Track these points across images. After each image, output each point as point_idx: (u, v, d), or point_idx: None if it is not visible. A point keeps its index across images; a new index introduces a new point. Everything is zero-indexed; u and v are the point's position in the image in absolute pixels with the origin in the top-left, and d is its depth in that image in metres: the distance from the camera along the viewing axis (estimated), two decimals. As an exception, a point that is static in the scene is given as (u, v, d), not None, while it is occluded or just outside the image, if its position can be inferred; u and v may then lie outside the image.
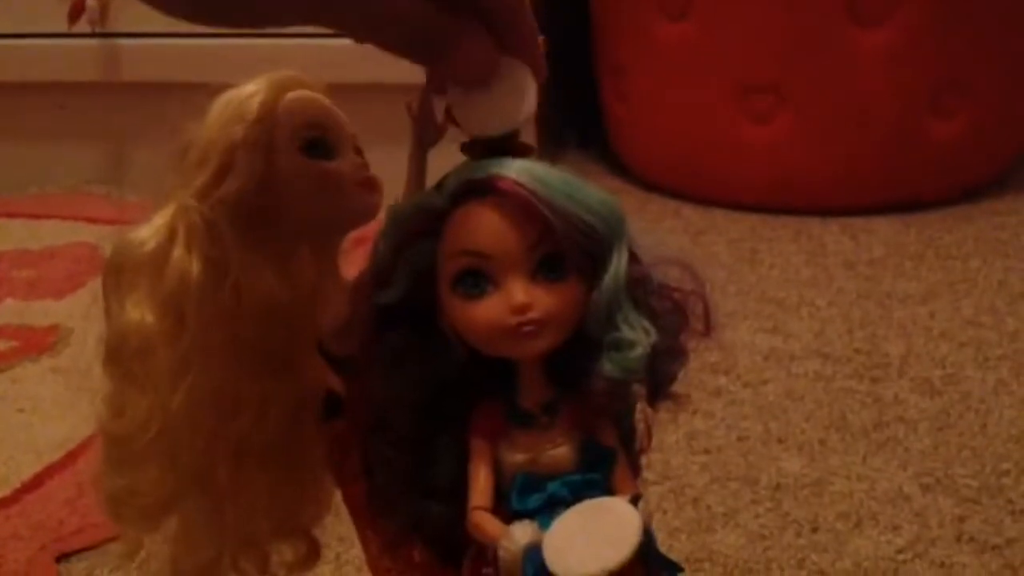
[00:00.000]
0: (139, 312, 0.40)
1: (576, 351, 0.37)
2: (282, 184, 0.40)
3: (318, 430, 0.43)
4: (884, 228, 1.24)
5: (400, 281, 0.37)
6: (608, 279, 0.36)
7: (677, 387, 0.39)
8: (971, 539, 0.68)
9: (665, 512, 0.71)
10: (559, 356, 0.37)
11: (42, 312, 1.09)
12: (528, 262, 0.36)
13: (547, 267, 0.36)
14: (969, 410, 0.83)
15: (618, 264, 0.36)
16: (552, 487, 0.37)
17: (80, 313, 1.06)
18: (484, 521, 0.37)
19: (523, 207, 0.36)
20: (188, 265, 0.40)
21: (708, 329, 0.39)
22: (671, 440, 0.79)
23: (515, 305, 0.36)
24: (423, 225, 0.37)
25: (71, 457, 0.81)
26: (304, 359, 0.42)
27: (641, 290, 0.37)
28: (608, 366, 0.36)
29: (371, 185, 0.42)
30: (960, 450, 0.78)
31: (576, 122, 1.57)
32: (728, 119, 1.30)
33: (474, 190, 0.36)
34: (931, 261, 1.14)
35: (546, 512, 0.36)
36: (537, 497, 0.37)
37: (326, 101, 0.42)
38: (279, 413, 0.42)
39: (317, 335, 0.42)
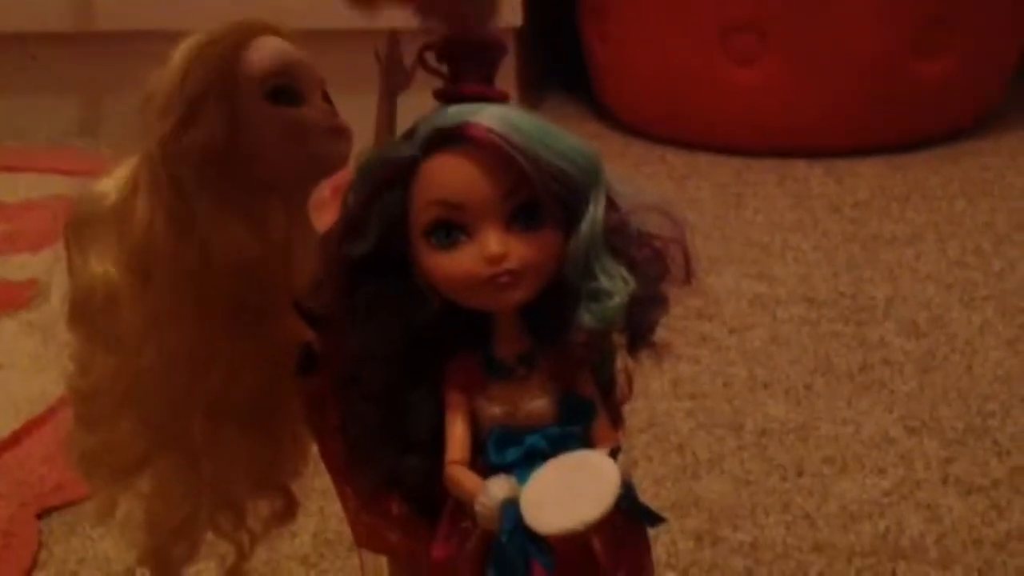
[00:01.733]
0: (103, 267, 0.39)
1: (553, 301, 0.36)
2: (248, 132, 0.39)
3: (294, 386, 0.43)
4: (869, 170, 1.23)
5: (371, 233, 0.36)
6: (585, 227, 0.35)
7: (659, 335, 0.38)
8: (957, 480, 0.68)
9: (650, 459, 0.71)
10: (536, 307, 0.36)
11: (19, 266, 1.07)
12: (502, 211, 0.35)
13: (522, 216, 0.35)
14: (954, 351, 0.83)
15: (595, 212, 0.35)
16: (530, 440, 0.36)
17: (58, 267, 1.05)
18: (461, 475, 0.36)
19: (496, 155, 0.35)
20: (152, 218, 0.39)
21: (688, 277, 0.38)
22: (656, 387, 0.79)
23: (490, 255, 0.35)
24: (393, 175, 0.36)
25: (50, 413, 0.80)
26: (277, 314, 0.41)
27: (619, 238, 0.36)
28: (586, 316, 0.35)
29: (340, 132, 0.41)
30: (946, 392, 0.78)
31: (558, 65, 1.55)
32: (711, 61, 1.28)
33: (445, 138, 0.35)
34: (916, 203, 1.14)
35: (524, 466, 0.36)
36: (515, 450, 0.36)
37: (292, 47, 0.41)
38: (253, 369, 0.41)
39: (290, 290, 0.41)
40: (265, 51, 0.40)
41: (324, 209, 0.41)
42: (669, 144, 1.33)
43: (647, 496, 0.39)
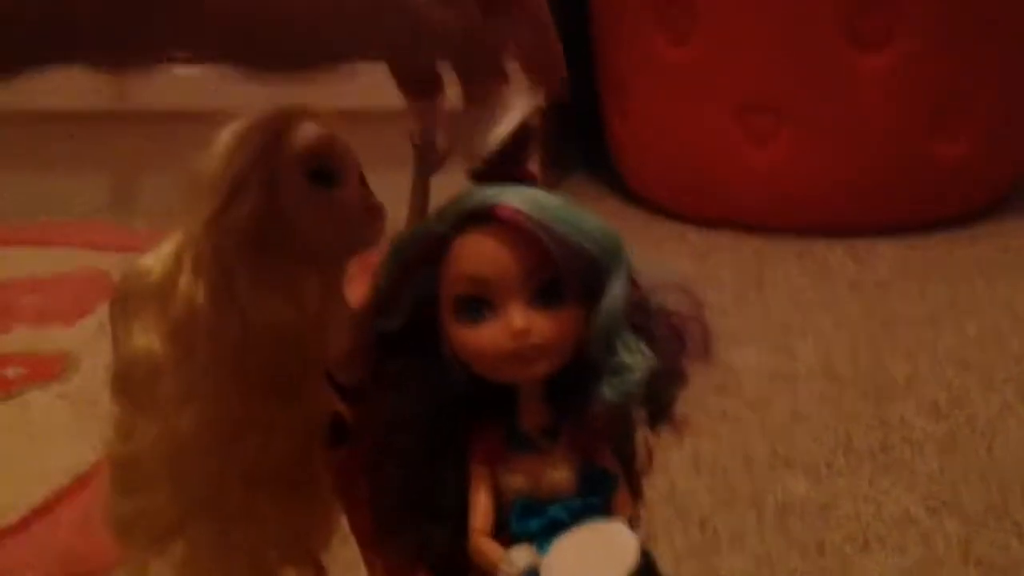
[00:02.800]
0: (146, 339, 0.41)
1: (576, 376, 0.38)
2: (288, 212, 0.41)
3: (324, 457, 0.44)
4: (888, 249, 1.24)
5: (402, 308, 0.38)
6: (606, 305, 0.37)
7: (679, 409, 0.40)
8: (978, 562, 0.67)
9: (671, 535, 0.71)
10: (559, 381, 0.38)
11: (51, 339, 1.09)
12: (527, 288, 0.37)
13: (546, 293, 0.37)
14: (975, 432, 0.83)
15: (616, 290, 0.37)
16: (552, 511, 0.37)
17: (89, 340, 1.07)
18: (484, 545, 0.37)
19: (522, 234, 0.36)
20: (195, 292, 0.41)
21: (707, 354, 0.39)
22: (676, 462, 0.79)
23: (514, 330, 0.36)
24: (424, 252, 0.38)
25: (79, 483, 0.81)
26: (311, 385, 0.43)
27: (639, 315, 0.37)
28: (607, 390, 0.37)
29: (375, 212, 0.43)
30: (966, 472, 0.78)
31: (580, 143, 1.58)
32: (728, 140, 1.30)
33: (475, 217, 0.37)
34: (935, 283, 1.14)
35: (546, 536, 0.37)
36: (537, 521, 0.37)
37: (332, 130, 0.43)
38: (287, 439, 0.43)
39: (324, 361, 0.42)
40: (306, 135, 0.42)
41: (353, 283, 0.43)
42: (690, 222, 1.35)
43: (667, 572, 0.40)
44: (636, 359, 0.36)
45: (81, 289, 1.22)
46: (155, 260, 0.42)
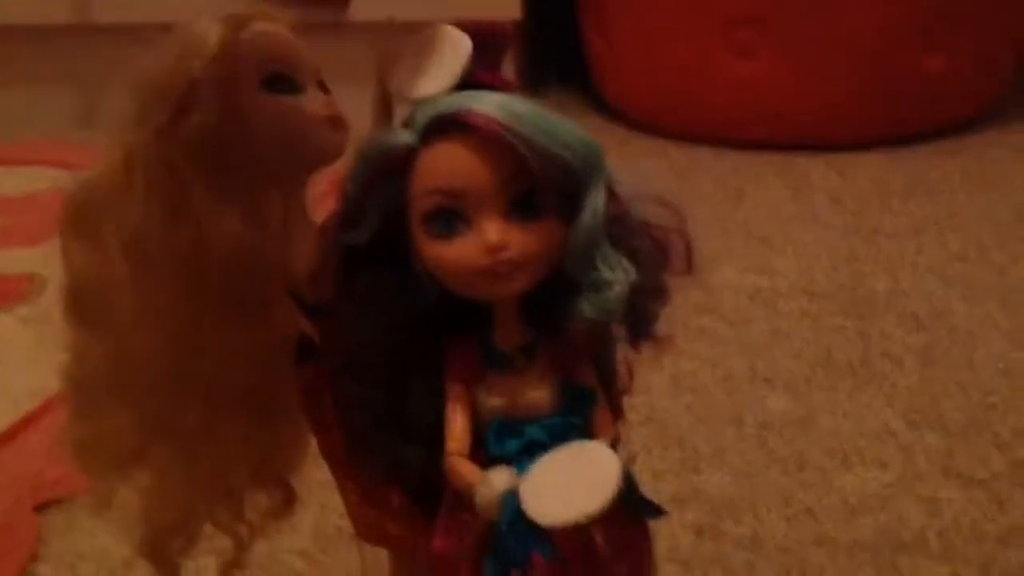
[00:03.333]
0: (97, 256, 0.39)
1: (553, 291, 0.36)
2: (244, 121, 0.39)
3: (291, 377, 0.42)
4: (870, 163, 1.23)
5: (369, 221, 0.36)
6: (585, 217, 0.35)
7: (660, 328, 0.38)
8: (958, 474, 0.67)
9: (650, 453, 0.71)
10: (536, 297, 0.36)
11: (15, 260, 1.07)
12: (502, 200, 0.35)
13: (522, 205, 0.35)
14: (955, 345, 0.83)
15: (596, 202, 0.35)
16: (530, 431, 0.36)
17: (55, 261, 1.04)
18: (460, 467, 0.36)
19: (496, 143, 0.34)
20: (148, 206, 0.39)
21: (690, 268, 0.38)
22: (656, 381, 0.78)
23: (489, 244, 0.34)
24: (391, 163, 0.36)
25: (47, 407, 0.80)
26: (273, 305, 0.41)
27: (620, 228, 0.35)
28: (586, 306, 0.35)
29: (337, 122, 0.40)
30: (946, 385, 0.77)
31: (556, 57, 1.54)
32: (711, 54, 1.28)
33: (445, 126, 0.35)
34: (918, 196, 1.13)
35: (525, 457, 0.35)
36: (515, 442, 0.36)
37: (289, 35, 0.40)
38: (248, 359, 0.41)
39: (287, 280, 0.41)
40: (262, 38, 0.39)
41: (322, 201, 0.41)
42: (670, 137, 1.33)
43: (647, 490, 0.39)
44: (616, 274, 0.35)
45: (47, 209, 1.18)
46: (105, 173, 0.40)
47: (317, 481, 0.47)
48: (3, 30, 1.45)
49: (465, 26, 0.38)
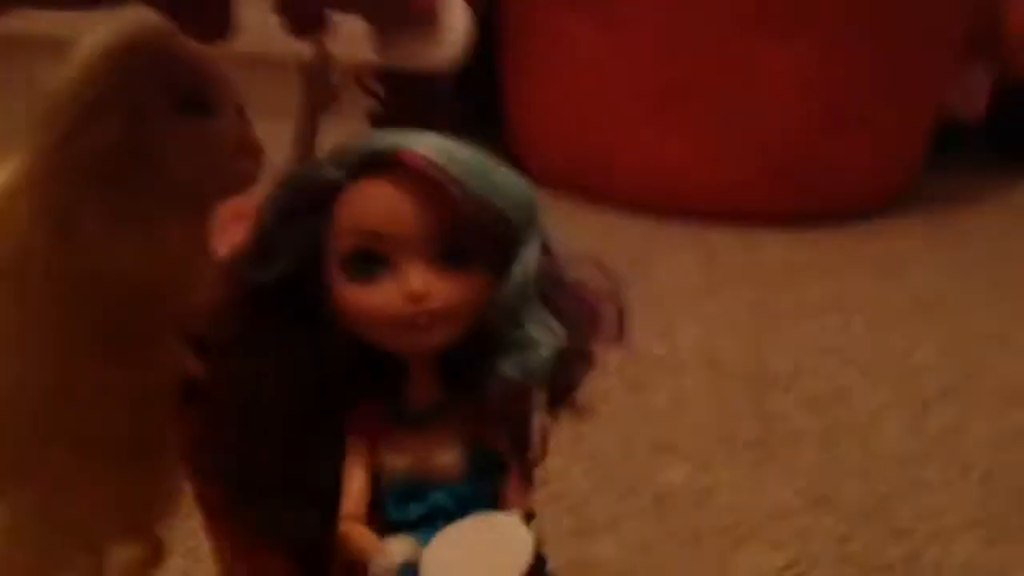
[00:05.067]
0: None
1: (472, 348, 0.34)
2: (151, 143, 0.36)
3: (172, 420, 0.39)
4: (778, 241, 1.23)
5: (282, 258, 0.33)
6: (517, 271, 0.33)
7: (580, 394, 0.36)
8: (855, 562, 0.66)
9: (543, 519, 0.68)
10: (453, 352, 0.34)
11: None
12: (430, 246, 0.32)
13: (450, 253, 0.33)
14: (855, 429, 0.83)
15: (529, 257, 0.33)
16: (435, 496, 0.33)
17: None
18: (355, 533, 0.33)
19: (428, 185, 0.32)
20: (34, 227, 0.35)
21: (620, 336, 0.36)
22: (553, 443, 0.76)
23: (410, 292, 0.32)
24: (313, 198, 0.33)
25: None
26: (157, 342, 0.38)
27: (551, 286, 0.33)
28: (508, 367, 0.33)
29: (252, 149, 0.38)
30: (846, 468, 0.77)
31: (471, 104, 1.53)
32: (631, 120, 1.28)
33: (376, 163, 0.33)
34: (823, 277, 1.14)
35: (428, 525, 0.33)
36: (418, 507, 0.33)
37: (208, 55, 0.38)
38: (126, 402, 0.37)
39: (176, 315, 0.37)
40: (177, 55, 0.37)
41: (223, 233, 0.38)
42: (584, 199, 1.32)
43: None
44: (544, 335, 0.33)
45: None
46: None
47: (186, 529, 0.43)
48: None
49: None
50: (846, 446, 0.80)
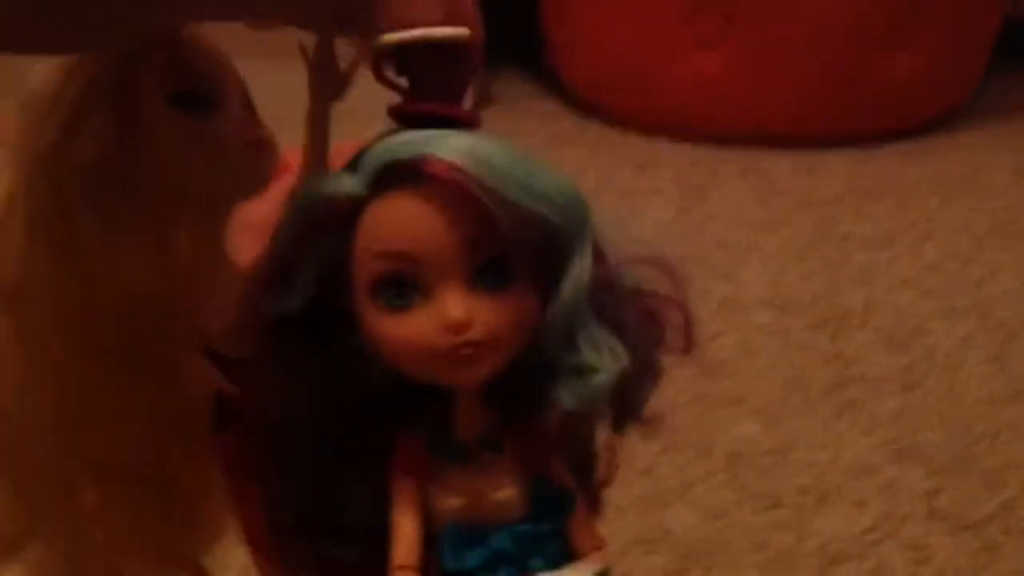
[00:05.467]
0: None
1: (525, 373, 0.29)
2: (148, 144, 0.32)
3: (207, 444, 0.36)
4: (838, 164, 1.17)
5: (301, 285, 0.29)
6: (567, 287, 0.28)
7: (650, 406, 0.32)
8: (944, 517, 0.62)
9: (612, 485, 0.65)
10: (503, 378, 0.30)
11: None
12: (466, 267, 0.28)
13: (490, 273, 0.28)
14: (935, 368, 0.78)
15: (580, 267, 0.28)
16: (496, 541, 0.29)
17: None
18: None
19: (460, 197, 0.28)
20: (33, 249, 0.32)
21: (688, 345, 0.31)
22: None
23: (449, 322, 0.28)
24: (332, 216, 0.29)
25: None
26: (181, 362, 0.34)
27: (607, 297, 0.29)
28: (565, 396, 0.29)
29: (260, 145, 0.34)
30: (928, 415, 0.72)
31: (510, 37, 1.47)
32: (673, 42, 1.21)
33: (399, 174, 0.28)
34: (889, 201, 1.08)
35: (488, 570, 0.29)
36: (476, 553, 0.29)
37: (206, 42, 0.33)
38: (152, 428, 0.34)
39: (199, 333, 0.34)
40: (171, 48, 0.32)
41: (244, 236, 0.34)
42: (628, 127, 1.26)
43: (610, 529, 0.33)
44: (603, 359, 0.28)
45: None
46: None
47: (238, 563, 0.40)
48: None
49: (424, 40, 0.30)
50: (927, 389, 0.75)
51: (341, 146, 0.32)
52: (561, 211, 0.28)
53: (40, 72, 0.32)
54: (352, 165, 0.29)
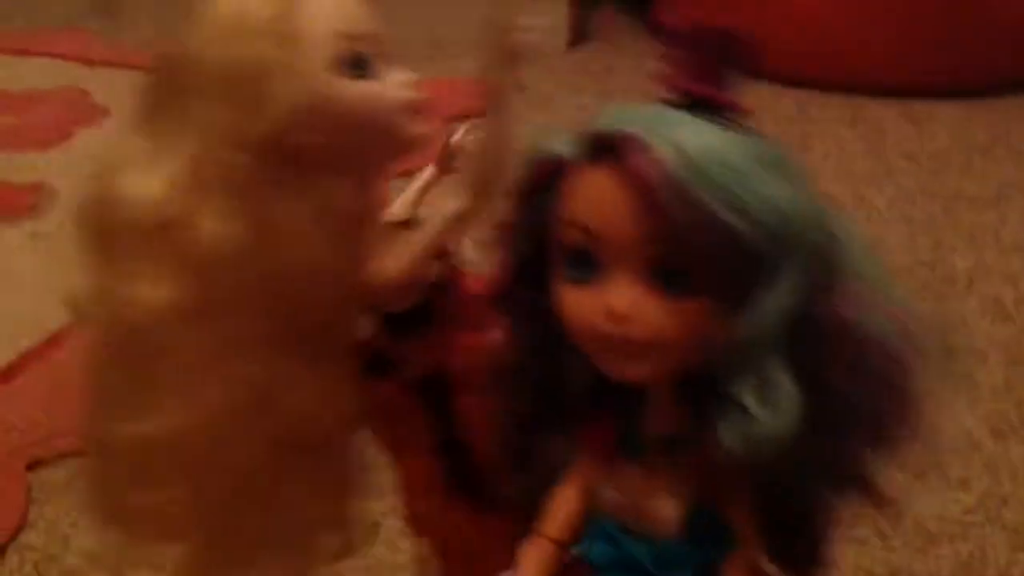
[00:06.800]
0: (152, 288, 0.32)
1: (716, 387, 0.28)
2: (318, 113, 0.32)
3: (363, 395, 0.36)
4: (948, 115, 1.13)
5: (522, 236, 0.29)
6: (752, 314, 0.26)
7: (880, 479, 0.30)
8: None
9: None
10: (696, 383, 0.28)
11: (24, 166, 0.99)
12: (643, 260, 0.27)
13: (670, 273, 0.27)
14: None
15: (776, 298, 0.26)
16: (632, 547, 0.28)
17: (67, 169, 0.96)
18: (531, 555, 0.30)
19: (651, 191, 0.26)
20: (226, 228, 0.32)
21: (909, 426, 0.29)
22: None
23: (609, 310, 0.27)
24: (541, 175, 0.28)
25: (50, 345, 0.73)
26: (346, 325, 0.35)
27: (843, 341, 0.26)
28: (727, 435, 0.27)
29: (417, 109, 0.34)
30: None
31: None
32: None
33: (608, 146, 0.27)
34: (1000, 155, 1.04)
35: (616, 572, 0.28)
36: (609, 550, 0.28)
37: (363, 9, 0.33)
38: (318, 392, 0.35)
39: (364, 289, 0.34)
40: (332, 11, 0.33)
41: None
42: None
43: None
44: (764, 410, 0.26)
45: (60, 110, 1.11)
46: (158, 185, 0.32)
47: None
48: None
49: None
50: (1037, 360, 0.73)
51: None
52: (769, 232, 0.26)
53: (185, 38, 0.32)
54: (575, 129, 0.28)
